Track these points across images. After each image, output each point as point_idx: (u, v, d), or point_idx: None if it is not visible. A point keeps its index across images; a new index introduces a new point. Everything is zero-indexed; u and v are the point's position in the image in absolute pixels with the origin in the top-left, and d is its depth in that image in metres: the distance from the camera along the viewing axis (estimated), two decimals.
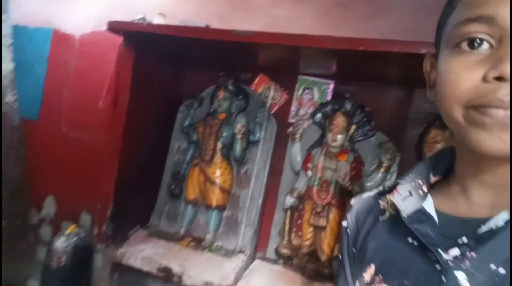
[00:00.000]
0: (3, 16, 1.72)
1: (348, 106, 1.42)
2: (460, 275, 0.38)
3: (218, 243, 1.50)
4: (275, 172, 1.53)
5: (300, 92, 1.56)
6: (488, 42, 0.38)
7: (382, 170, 1.32)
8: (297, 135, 1.48)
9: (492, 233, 0.38)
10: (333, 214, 1.33)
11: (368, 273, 0.47)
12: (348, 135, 1.39)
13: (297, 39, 1.23)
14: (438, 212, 0.45)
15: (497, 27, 0.37)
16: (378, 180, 1.32)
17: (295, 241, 1.38)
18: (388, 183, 1.34)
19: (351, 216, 0.55)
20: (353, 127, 1.40)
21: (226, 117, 1.58)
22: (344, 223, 0.56)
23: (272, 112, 1.58)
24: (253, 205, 1.51)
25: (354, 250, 0.53)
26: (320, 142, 1.44)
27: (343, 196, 1.34)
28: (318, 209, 1.34)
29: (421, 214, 0.44)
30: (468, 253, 0.39)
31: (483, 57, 0.37)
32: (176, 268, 1.38)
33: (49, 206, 2.11)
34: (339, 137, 1.38)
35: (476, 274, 0.38)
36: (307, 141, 1.48)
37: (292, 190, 1.42)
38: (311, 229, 1.35)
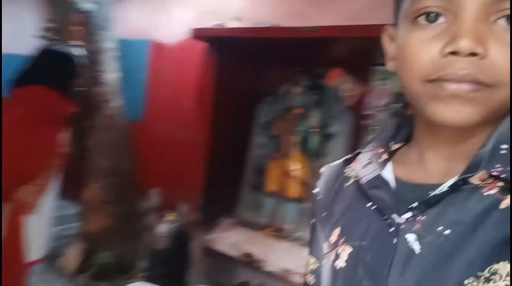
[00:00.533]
0: (108, 33, 2.02)
1: None
2: (410, 237, 0.41)
3: (297, 233, 1.58)
4: None
5: (376, 83, 1.54)
6: (444, 16, 0.39)
7: None
8: (374, 127, 1.47)
9: (439, 197, 0.41)
10: None
11: (334, 235, 0.51)
12: None
13: (361, 30, 1.23)
14: (396, 179, 0.47)
15: (452, 2, 0.38)
16: None
17: None
18: None
19: (320, 183, 0.59)
20: None
21: (302, 112, 1.63)
22: (315, 190, 0.60)
23: (348, 104, 1.59)
24: None
25: (323, 215, 0.56)
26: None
27: None
28: None
29: (378, 181, 0.47)
30: (418, 217, 0.42)
31: (439, 31, 0.38)
32: (258, 255, 1.50)
33: (154, 197, 2.42)
34: None
35: (424, 235, 0.41)
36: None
37: None
38: None
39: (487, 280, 0.36)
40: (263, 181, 1.72)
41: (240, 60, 1.71)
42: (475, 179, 0.40)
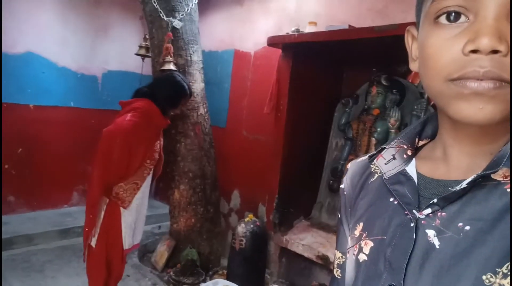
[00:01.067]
0: (196, 46, 2.20)
1: None
2: (430, 232, 0.42)
3: None
4: None
5: None
6: (465, 15, 0.39)
7: None
8: None
9: (459, 194, 0.41)
10: None
11: (357, 230, 0.52)
12: None
13: None
14: (418, 174, 0.48)
15: (472, 1, 0.38)
16: None
17: None
18: None
19: (346, 179, 0.59)
20: None
21: (381, 112, 1.59)
22: (342, 186, 0.60)
23: (432, 103, 1.50)
24: None
25: (350, 210, 0.57)
26: None
27: None
28: None
29: (401, 176, 0.48)
30: (438, 213, 0.42)
31: (461, 30, 0.38)
32: (332, 257, 1.48)
33: (235, 198, 2.53)
34: None
35: (444, 231, 0.41)
36: None
37: None
38: None
39: (505, 275, 0.36)
40: (340, 183, 1.70)
41: (316, 63, 1.74)
42: (497, 176, 0.40)
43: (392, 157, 0.51)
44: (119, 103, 1.68)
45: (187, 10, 2.12)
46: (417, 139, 0.53)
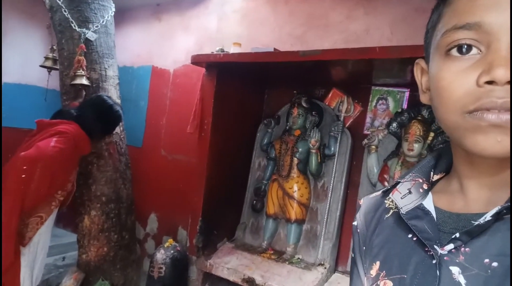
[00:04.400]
0: (111, 61, 2.11)
1: (425, 113, 1.41)
2: (455, 269, 0.41)
3: (298, 256, 1.58)
4: (352, 185, 1.57)
5: (374, 103, 1.59)
6: (477, 47, 0.40)
7: None
8: (373, 147, 1.51)
9: (483, 227, 0.40)
10: None
11: (374, 269, 0.50)
12: (426, 143, 1.37)
13: (361, 53, 1.29)
14: (436, 209, 0.47)
15: (484, 33, 0.39)
16: None
17: None
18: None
19: (359, 216, 0.58)
20: (431, 134, 1.38)
21: (301, 133, 1.68)
22: (354, 223, 0.59)
23: (347, 125, 1.64)
24: (331, 218, 1.56)
25: (364, 248, 0.55)
26: (397, 152, 1.44)
27: None
28: None
29: (419, 211, 0.47)
30: (462, 248, 0.41)
31: (473, 62, 0.39)
32: (258, 279, 1.50)
33: (152, 223, 2.43)
34: (416, 146, 1.37)
35: (470, 268, 0.40)
36: (383, 152, 1.50)
37: None
38: None
39: None
40: (264, 204, 1.74)
41: (240, 83, 1.78)
42: None
43: (408, 191, 0.50)
44: (37, 122, 1.51)
45: (102, 22, 2.02)
46: (431, 173, 0.52)
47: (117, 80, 2.13)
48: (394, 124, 1.48)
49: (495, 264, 0.39)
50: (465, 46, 0.40)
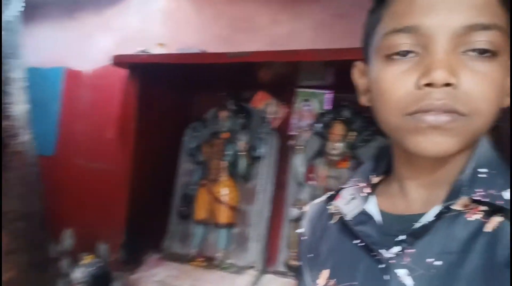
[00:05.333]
0: (17, 61, 1.92)
1: (346, 113, 1.49)
2: (402, 272, 0.42)
3: (229, 261, 1.57)
4: (280, 185, 1.61)
5: (299, 104, 1.65)
6: (415, 50, 0.41)
7: None
8: (299, 147, 1.56)
9: (426, 228, 0.42)
10: None
11: (322, 278, 0.50)
12: (348, 142, 1.46)
13: (288, 55, 1.34)
14: (380, 212, 0.49)
15: (422, 36, 0.40)
16: None
17: None
18: None
19: (305, 223, 0.59)
20: (352, 133, 1.46)
21: (230, 136, 1.68)
22: (300, 230, 0.60)
23: (274, 126, 1.67)
24: (260, 220, 1.58)
25: (311, 255, 0.56)
26: (321, 152, 1.51)
27: None
28: None
29: (363, 216, 0.48)
30: (407, 250, 0.43)
31: (412, 65, 0.41)
32: None
33: (68, 239, 2.24)
34: (339, 145, 1.45)
35: (416, 268, 0.41)
36: (309, 152, 1.55)
37: (297, 201, 1.49)
38: None
39: None
40: (192, 210, 1.70)
41: (165, 86, 1.73)
42: (457, 206, 0.42)
43: (351, 197, 0.51)
44: None
45: (6, 18, 1.84)
46: (372, 175, 0.54)
47: (23, 83, 1.95)
48: (318, 125, 1.55)
49: (439, 262, 0.40)
50: (405, 49, 0.41)
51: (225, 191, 1.63)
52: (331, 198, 0.56)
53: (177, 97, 1.83)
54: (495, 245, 0.39)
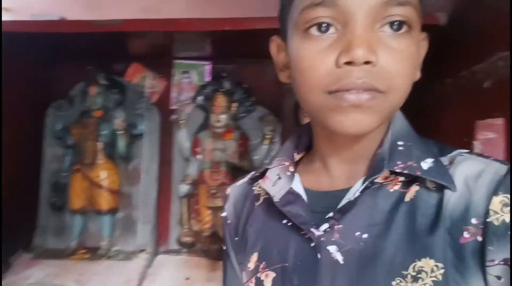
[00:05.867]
0: None
1: (227, 85, 1.50)
2: (332, 248, 0.43)
3: (116, 248, 1.48)
4: (165, 162, 1.55)
5: (178, 77, 1.59)
6: (334, 26, 0.41)
7: (266, 142, 1.44)
8: (182, 121, 1.52)
9: (351, 203, 0.43)
10: None
11: (252, 262, 0.50)
12: (231, 114, 1.47)
13: (165, 24, 1.27)
14: (305, 190, 0.49)
15: (341, 12, 0.40)
16: (264, 152, 1.44)
17: (195, 227, 1.44)
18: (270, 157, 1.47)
19: (228, 206, 0.58)
20: (234, 105, 1.48)
21: (103, 114, 1.54)
22: (223, 214, 0.59)
23: (153, 101, 1.59)
24: (147, 200, 1.51)
25: (237, 239, 0.55)
26: (205, 124, 1.50)
27: (235, 174, 1.43)
28: (213, 191, 1.41)
29: (290, 195, 0.48)
30: (335, 226, 0.43)
31: (332, 42, 0.40)
32: (73, 285, 1.33)
33: None
34: (222, 117, 1.46)
35: (344, 244, 0.42)
36: (193, 126, 1.53)
37: (185, 177, 1.47)
38: (209, 211, 1.42)
39: (415, 279, 0.39)
40: (66, 199, 1.54)
41: (19, 60, 1.48)
42: (379, 178, 0.44)
43: (277, 177, 0.50)
44: None
45: None
46: (295, 153, 0.53)
47: None
48: (200, 97, 1.53)
49: (365, 235, 0.42)
50: (324, 25, 0.41)
51: (103, 175, 1.51)
52: (255, 179, 0.55)
53: (34, 72, 1.59)
54: (415, 213, 0.41)
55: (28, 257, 1.48)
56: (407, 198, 0.42)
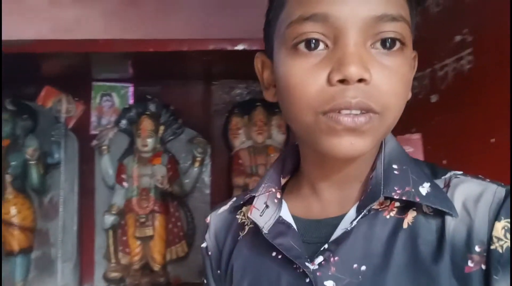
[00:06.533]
0: None
1: (152, 107, 1.45)
2: (329, 284, 0.40)
3: None
4: (86, 192, 1.45)
5: (98, 100, 1.51)
6: (324, 42, 0.38)
7: (197, 164, 1.42)
8: (104, 147, 1.44)
9: (347, 233, 0.40)
10: (158, 221, 1.35)
11: None
12: (158, 137, 1.43)
13: (81, 45, 1.21)
14: (294, 218, 0.46)
15: (331, 27, 0.38)
16: (195, 175, 1.41)
17: (123, 260, 1.35)
18: (205, 180, 1.46)
19: (209, 236, 0.55)
20: (161, 127, 1.44)
21: (11, 143, 1.40)
22: (204, 244, 0.55)
23: (70, 126, 1.48)
24: (67, 235, 1.39)
25: (219, 272, 0.52)
26: (131, 149, 1.43)
27: (165, 200, 1.39)
28: (142, 220, 1.34)
29: (280, 225, 0.45)
30: (331, 258, 0.41)
31: (322, 58, 0.38)
32: None
33: None
34: (149, 141, 1.40)
35: (342, 278, 0.40)
36: (116, 152, 1.45)
37: (110, 207, 1.38)
38: (138, 242, 1.34)
39: None
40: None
41: None
42: (375, 205, 0.41)
43: (265, 205, 0.47)
44: None
45: None
46: (281, 178, 0.50)
47: None
48: (124, 121, 1.46)
49: (363, 267, 0.39)
50: (313, 41, 0.38)
51: (13, 211, 1.36)
52: (238, 207, 0.52)
53: None
54: (415, 241, 0.39)
55: None
56: (405, 224, 0.40)
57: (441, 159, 0.84)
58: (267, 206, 0.47)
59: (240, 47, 1.19)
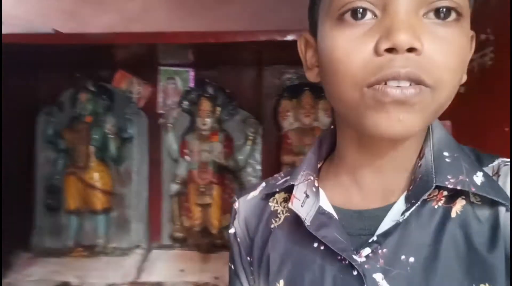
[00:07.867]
0: None
1: (210, 90, 1.66)
2: (378, 276, 0.38)
3: (112, 245, 1.64)
4: (155, 163, 1.71)
5: (164, 83, 1.74)
6: (372, 11, 0.36)
7: (249, 142, 1.62)
8: (169, 125, 1.68)
9: (396, 224, 0.38)
10: (216, 191, 1.59)
11: None
12: (215, 117, 1.65)
13: (152, 37, 1.41)
14: (335, 208, 0.44)
15: None
16: (247, 152, 1.62)
17: (186, 223, 1.61)
18: (257, 157, 1.64)
19: (238, 222, 0.53)
20: (218, 109, 1.65)
21: (94, 119, 1.67)
22: (231, 230, 0.53)
23: (140, 106, 1.73)
24: (139, 200, 1.67)
25: (249, 259, 0.51)
26: (192, 127, 1.66)
27: (222, 172, 1.62)
28: (202, 189, 1.58)
29: (322, 216, 0.43)
30: (379, 250, 0.39)
31: (369, 28, 0.36)
32: (74, 281, 1.47)
33: None
34: (208, 120, 1.62)
35: (391, 270, 0.38)
36: (180, 129, 1.68)
37: (175, 177, 1.63)
38: (199, 208, 1.59)
39: None
40: (61, 200, 1.68)
41: (10, 67, 1.59)
42: (426, 195, 0.38)
43: (305, 195, 0.45)
44: None
45: None
46: (317, 164, 0.48)
47: None
48: (185, 102, 1.68)
49: (411, 259, 0.38)
50: (361, 10, 0.36)
51: (97, 177, 1.65)
52: (270, 194, 0.50)
53: (22, 79, 1.70)
54: (466, 231, 0.38)
55: (27, 257, 1.62)
56: (453, 213, 0.39)
57: None
58: (307, 196, 0.45)
59: (289, 37, 1.34)
